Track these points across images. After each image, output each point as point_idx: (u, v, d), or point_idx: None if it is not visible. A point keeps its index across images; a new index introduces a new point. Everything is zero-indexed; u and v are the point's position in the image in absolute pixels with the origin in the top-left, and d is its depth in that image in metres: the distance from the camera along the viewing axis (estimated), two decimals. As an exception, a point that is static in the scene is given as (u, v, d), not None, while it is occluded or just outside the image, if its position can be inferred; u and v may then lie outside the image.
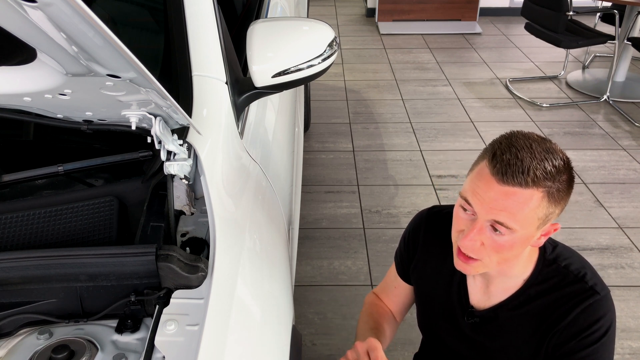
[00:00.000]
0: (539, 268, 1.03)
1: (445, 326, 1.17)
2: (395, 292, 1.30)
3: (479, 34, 5.45)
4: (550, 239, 1.05)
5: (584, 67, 4.54)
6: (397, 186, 3.01)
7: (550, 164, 0.88)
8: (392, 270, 1.30)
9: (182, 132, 0.96)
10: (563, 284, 1.01)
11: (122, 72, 0.70)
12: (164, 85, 0.72)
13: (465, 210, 0.94)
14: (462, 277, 1.12)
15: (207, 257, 0.90)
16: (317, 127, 3.62)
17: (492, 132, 3.56)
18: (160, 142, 0.91)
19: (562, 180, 0.89)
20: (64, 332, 0.87)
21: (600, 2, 4.13)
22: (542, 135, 0.90)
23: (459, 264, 0.99)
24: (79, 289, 0.88)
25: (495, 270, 1.01)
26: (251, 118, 1.31)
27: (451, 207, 1.04)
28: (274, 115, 1.56)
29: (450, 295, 1.14)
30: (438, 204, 1.24)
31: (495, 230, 0.90)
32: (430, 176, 3.09)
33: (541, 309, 1.02)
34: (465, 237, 0.92)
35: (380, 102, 4.03)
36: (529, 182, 0.86)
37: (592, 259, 2.43)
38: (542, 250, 1.04)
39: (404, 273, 1.25)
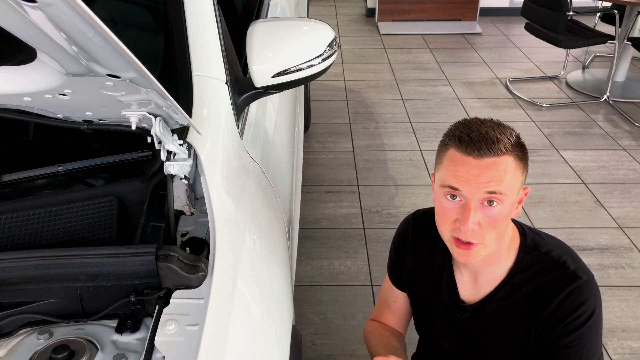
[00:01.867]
0: (522, 255, 1.04)
1: (440, 325, 1.17)
2: (395, 306, 1.29)
3: (479, 34, 5.45)
4: (526, 225, 1.09)
5: (584, 67, 4.54)
6: (397, 186, 3.01)
7: (509, 133, 0.95)
8: (386, 285, 1.31)
9: (182, 132, 0.96)
10: (545, 271, 1.02)
11: (122, 72, 0.70)
12: (164, 85, 0.72)
13: (453, 197, 0.95)
14: (451, 274, 1.12)
15: (207, 257, 0.90)
16: (317, 127, 3.62)
17: (492, 132, 3.56)
18: (160, 142, 0.91)
19: (523, 148, 0.96)
20: (64, 332, 0.87)
21: (600, 2, 4.13)
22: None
23: (460, 255, 0.98)
24: (79, 289, 0.88)
25: (493, 248, 1.01)
26: (251, 118, 1.31)
27: (433, 208, 1.05)
28: (274, 115, 1.56)
29: (440, 294, 1.14)
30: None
31: (490, 203, 0.93)
32: (430, 176, 3.09)
33: (526, 297, 1.03)
34: (465, 222, 0.93)
35: (380, 102, 4.03)
36: (502, 149, 0.92)
37: (592, 259, 2.43)
38: (522, 237, 1.06)
39: (399, 281, 1.25)
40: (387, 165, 3.22)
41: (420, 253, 1.18)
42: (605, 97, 3.94)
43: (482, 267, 1.06)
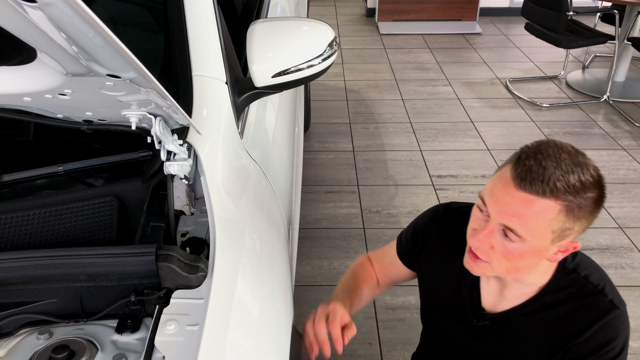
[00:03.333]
0: (557, 276, 1.01)
1: (450, 325, 1.16)
2: (390, 268, 1.29)
3: (479, 34, 5.45)
4: None
5: (584, 67, 4.54)
6: (397, 186, 3.01)
7: (576, 177, 0.84)
8: (393, 247, 1.28)
9: (182, 132, 0.96)
10: (581, 295, 0.98)
11: (122, 72, 0.70)
12: (164, 85, 0.72)
13: (481, 210, 0.93)
14: (476, 279, 1.09)
15: (207, 257, 0.90)
16: (317, 127, 3.62)
17: (492, 132, 3.56)
18: (160, 142, 0.91)
19: (587, 197, 0.85)
20: (64, 332, 0.87)
21: (600, 2, 4.13)
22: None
23: (467, 262, 0.98)
24: (79, 289, 0.88)
25: (505, 276, 0.99)
26: (251, 118, 1.31)
27: (469, 205, 1.02)
28: (274, 115, 1.55)
29: (459, 296, 1.12)
30: (440, 202, 1.23)
31: (506, 236, 0.88)
32: (430, 176, 3.09)
33: (556, 318, 1.00)
34: (475, 237, 0.91)
35: (380, 102, 4.03)
36: (546, 191, 0.83)
37: (592, 259, 2.43)
38: (563, 258, 1.00)
39: (405, 257, 1.24)
40: (387, 165, 3.22)
41: (442, 249, 1.14)
42: (605, 97, 3.93)
43: (510, 282, 1.03)
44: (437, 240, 1.16)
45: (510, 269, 0.94)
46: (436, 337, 1.25)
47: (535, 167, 0.84)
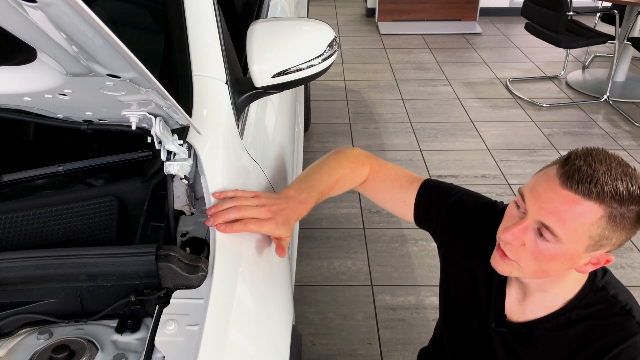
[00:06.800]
0: (585, 292, 0.98)
1: (470, 321, 1.12)
2: (399, 203, 1.18)
3: (479, 34, 5.45)
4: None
5: (584, 67, 4.54)
6: (397, 186, 3.01)
7: (625, 186, 0.81)
8: (413, 187, 1.15)
9: (182, 132, 0.96)
10: (609, 314, 0.95)
11: (122, 72, 0.70)
12: (164, 85, 0.72)
13: (518, 207, 0.90)
14: (502, 282, 1.06)
15: (207, 257, 0.90)
16: (317, 127, 3.62)
17: (492, 132, 3.56)
18: (160, 142, 0.91)
19: (631, 209, 0.82)
20: (64, 332, 0.87)
21: (600, 2, 4.13)
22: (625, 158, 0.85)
23: (495, 259, 0.95)
24: (79, 289, 0.88)
25: (531, 281, 0.97)
26: (251, 118, 1.31)
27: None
28: (274, 115, 1.55)
29: (488, 296, 1.08)
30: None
31: (541, 235, 0.86)
32: (430, 176, 3.08)
33: (580, 335, 0.97)
34: (509, 231, 0.88)
35: (380, 102, 4.03)
36: (592, 193, 0.80)
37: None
38: (593, 274, 0.98)
39: (422, 217, 1.16)
40: (387, 165, 3.22)
41: (479, 245, 1.08)
42: (605, 97, 3.94)
43: (534, 290, 1.01)
44: (478, 236, 1.09)
45: (538, 271, 0.91)
46: (453, 329, 1.21)
47: (584, 168, 0.82)
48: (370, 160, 1.20)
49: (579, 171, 0.82)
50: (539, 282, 0.97)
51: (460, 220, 1.12)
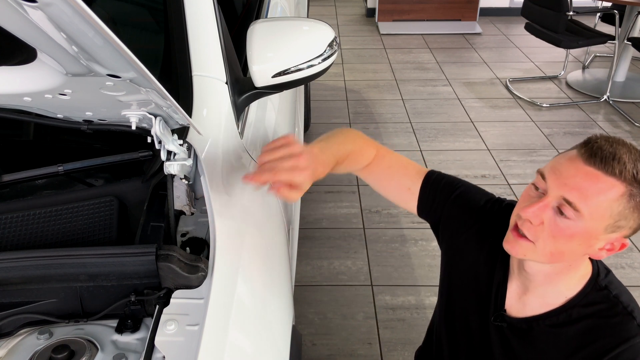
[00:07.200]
0: (587, 290, 0.97)
1: (470, 314, 1.12)
2: (403, 191, 1.18)
3: (479, 34, 5.45)
4: (603, 264, 1.00)
5: (584, 67, 4.54)
6: (397, 186, 3.01)
7: None
8: (419, 177, 1.16)
9: (182, 132, 0.96)
10: (610, 313, 0.95)
11: (122, 72, 0.70)
12: (164, 85, 0.72)
13: (536, 188, 0.90)
14: (504, 277, 1.06)
15: (207, 257, 0.90)
16: (317, 127, 3.62)
17: (492, 132, 3.56)
18: (160, 142, 0.91)
19: None
20: (64, 332, 0.87)
21: (600, 2, 4.13)
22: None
23: (508, 241, 0.93)
24: (79, 289, 0.88)
25: (538, 271, 0.96)
26: (251, 118, 1.31)
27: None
28: (274, 115, 1.55)
29: (489, 289, 1.07)
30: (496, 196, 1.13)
31: (561, 213, 0.85)
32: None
33: (580, 333, 0.97)
34: (529, 207, 0.87)
35: (380, 102, 4.03)
36: (615, 169, 0.82)
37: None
38: (596, 273, 0.98)
39: (425, 207, 1.15)
40: (387, 165, 3.22)
41: (486, 240, 1.08)
42: (605, 97, 3.94)
43: (538, 283, 1.00)
44: (482, 230, 1.09)
45: (555, 252, 0.89)
46: (451, 322, 1.20)
47: (607, 147, 0.84)
48: (377, 145, 1.20)
49: (602, 149, 0.83)
50: (546, 273, 0.96)
51: (464, 214, 1.12)
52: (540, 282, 1.00)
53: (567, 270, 0.96)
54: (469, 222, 1.11)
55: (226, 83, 1.15)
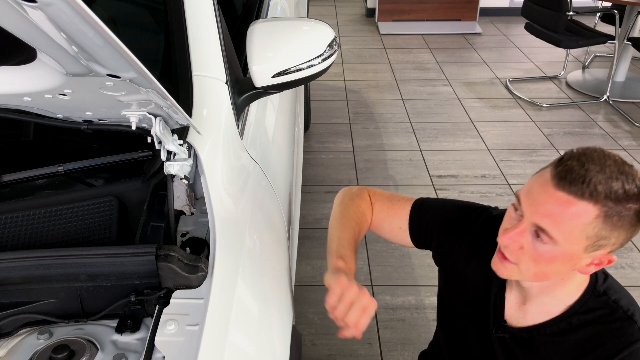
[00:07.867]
0: (587, 297, 0.97)
1: (469, 328, 1.12)
2: (396, 231, 1.19)
3: (479, 34, 5.45)
4: (603, 269, 0.98)
5: (584, 67, 4.54)
6: (397, 186, 3.01)
7: (620, 184, 0.80)
8: (405, 211, 1.18)
9: (182, 132, 0.96)
10: (611, 319, 0.95)
11: (122, 72, 0.70)
12: (164, 85, 0.72)
13: (515, 210, 0.90)
14: (502, 288, 1.06)
15: (207, 257, 0.90)
16: (317, 127, 3.62)
17: (492, 132, 3.56)
18: (160, 142, 0.91)
19: (628, 207, 0.81)
20: (64, 332, 0.87)
21: (600, 2, 4.13)
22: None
23: (495, 262, 0.95)
24: (79, 289, 0.88)
25: (533, 284, 0.96)
26: (251, 118, 1.31)
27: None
28: (274, 115, 1.55)
29: (486, 300, 1.08)
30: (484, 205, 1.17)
31: (538, 236, 0.85)
32: (430, 176, 3.09)
33: (581, 341, 0.96)
34: (506, 234, 0.88)
35: (380, 102, 4.03)
36: (585, 193, 0.80)
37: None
38: (594, 279, 0.98)
39: (417, 237, 1.17)
40: (387, 165, 3.22)
41: (478, 251, 1.08)
42: (605, 97, 3.93)
43: (534, 294, 1.00)
44: (473, 243, 1.10)
45: (539, 274, 0.90)
46: (451, 337, 1.21)
47: (577, 168, 0.82)
48: (362, 194, 1.22)
49: (572, 172, 0.82)
50: (541, 285, 0.97)
51: (452, 234, 1.13)
52: (537, 294, 1.00)
53: (562, 282, 0.96)
54: (457, 240, 1.12)
55: (226, 83, 1.15)
